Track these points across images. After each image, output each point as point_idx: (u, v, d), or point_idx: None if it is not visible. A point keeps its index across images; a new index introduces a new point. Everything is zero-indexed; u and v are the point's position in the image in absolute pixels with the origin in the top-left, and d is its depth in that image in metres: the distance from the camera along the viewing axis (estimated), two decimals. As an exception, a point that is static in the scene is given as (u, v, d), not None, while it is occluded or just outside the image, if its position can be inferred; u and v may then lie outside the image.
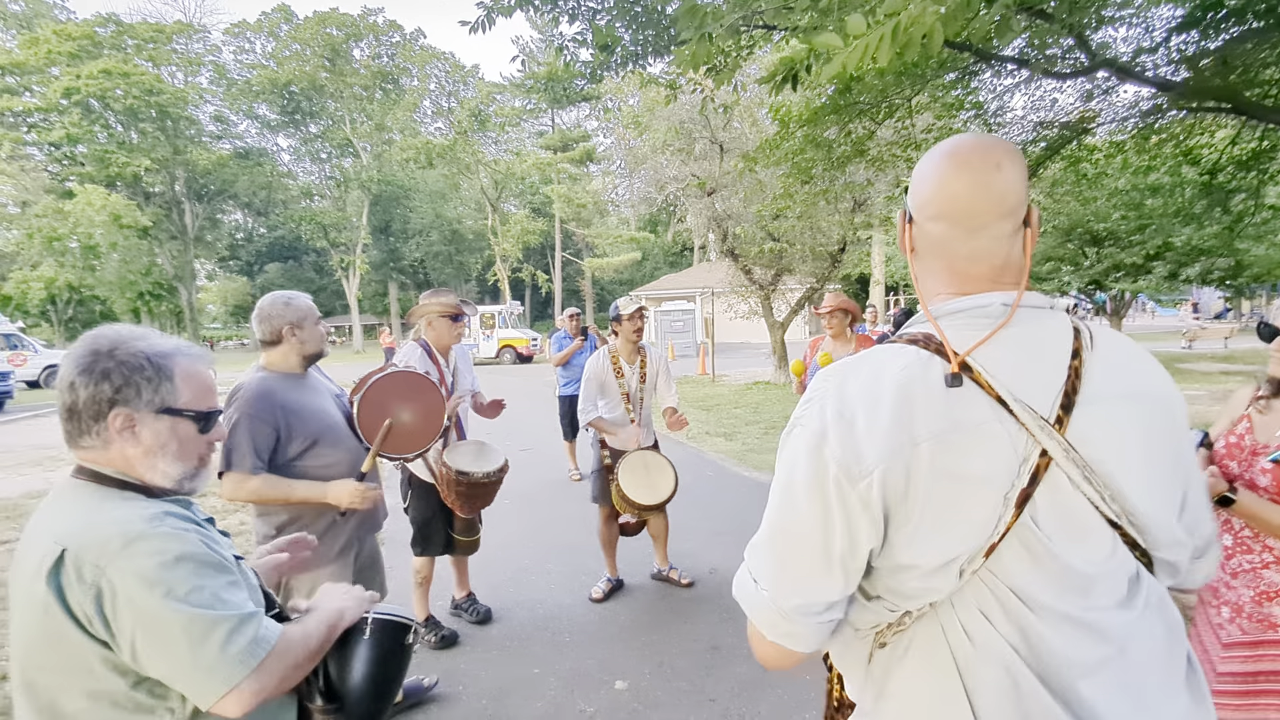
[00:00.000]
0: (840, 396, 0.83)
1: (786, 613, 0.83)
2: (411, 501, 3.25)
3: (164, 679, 1.01)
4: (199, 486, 1.19)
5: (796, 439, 0.85)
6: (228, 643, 1.01)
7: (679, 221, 16.34)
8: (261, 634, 1.06)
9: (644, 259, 43.06)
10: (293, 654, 1.10)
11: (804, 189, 6.78)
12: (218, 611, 1.02)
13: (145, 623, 0.98)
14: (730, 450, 7.75)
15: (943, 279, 0.90)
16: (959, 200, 0.84)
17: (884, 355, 0.86)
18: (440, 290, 3.29)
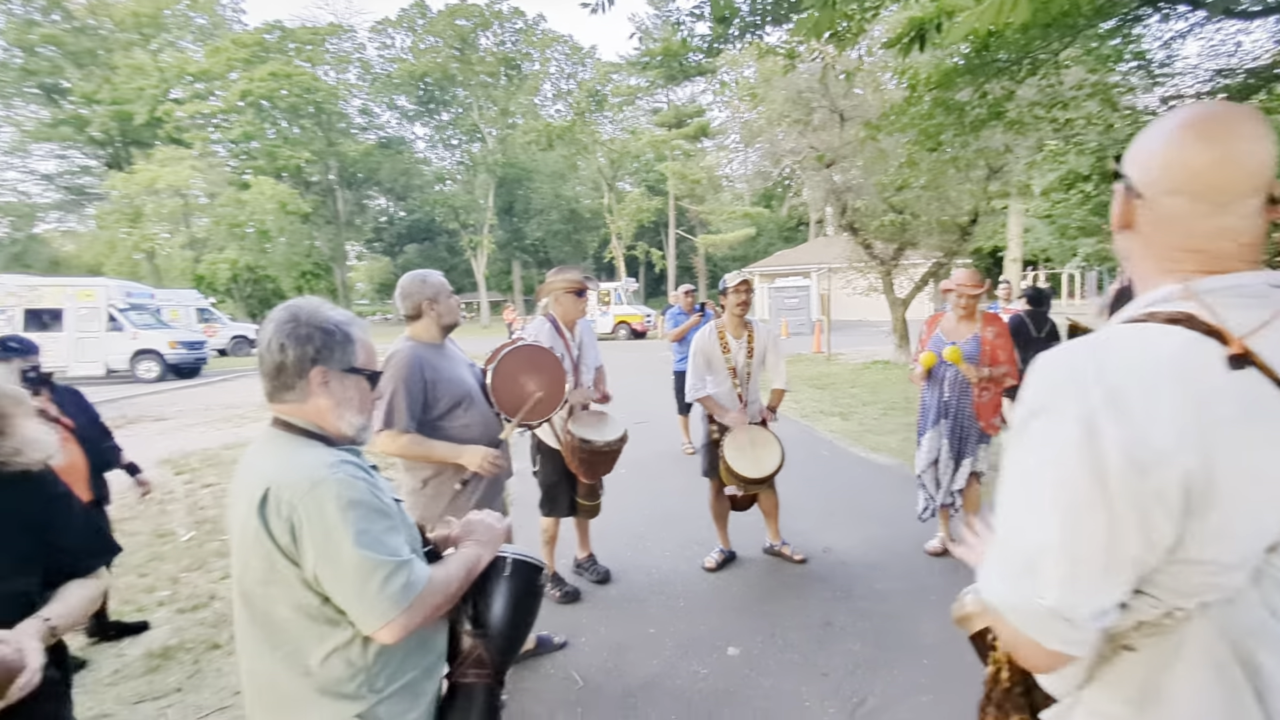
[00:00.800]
0: (1104, 380, 0.75)
1: (1067, 617, 0.76)
2: (540, 466, 3.52)
3: (337, 604, 1.22)
4: (369, 437, 1.40)
5: (1051, 429, 0.77)
6: (385, 585, 1.20)
7: (794, 196, 15.84)
8: (413, 579, 1.24)
9: (758, 235, 42.10)
10: (437, 596, 1.29)
11: (931, 157, 6.34)
12: (379, 555, 1.21)
13: (323, 557, 1.19)
14: (846, 430, 7.56)
15: (1175, 258, 0.83)
16: (1204, 175, 0.79)
17: (1148, 336, 0.79)
18: (566, 267, 3.49)
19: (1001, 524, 0.83)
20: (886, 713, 2.57)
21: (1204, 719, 0.79)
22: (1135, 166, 0.86)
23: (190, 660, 3.12)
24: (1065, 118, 5.89)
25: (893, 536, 4.23)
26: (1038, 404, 0.80)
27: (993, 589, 0.82)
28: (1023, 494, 0.80)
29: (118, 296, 16.18)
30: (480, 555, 1.43)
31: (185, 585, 3.96)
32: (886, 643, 3.05)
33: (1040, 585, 0.76)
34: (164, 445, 8.05)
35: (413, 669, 1.32)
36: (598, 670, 2.94)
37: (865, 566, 3.85)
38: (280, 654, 1.24)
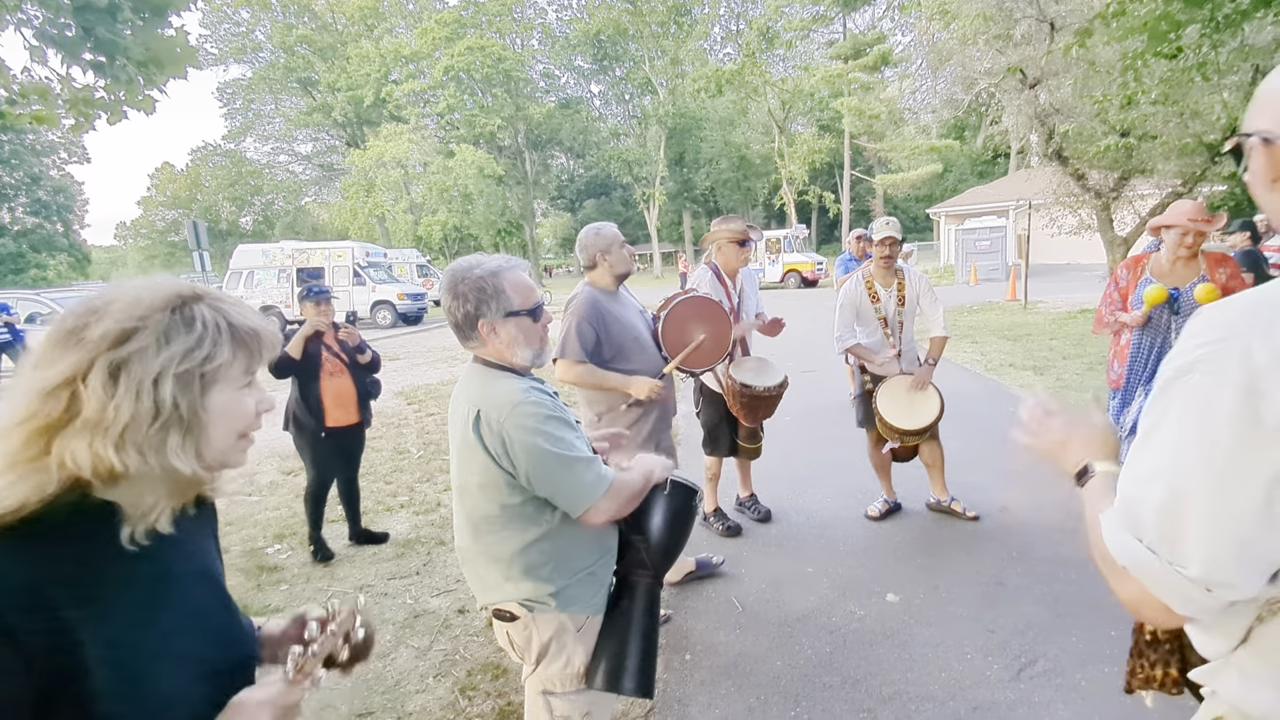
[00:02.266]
0: (1271, 341, 0.71)
1: (1208, 587, 0.73)
2: (703, 408, 3.73)
3: (549, 497, 1.52)
4: (545, 361, 1.64)
5: (1205, 387, 0.73)
6: (585, 475, 1.49)
7: (992, 124, 13.98)
8: (604, 472, 1.53)
9: (946, 171, 37.86)
10: (626, 489, 1.56)
11: (1166, 65, 5.23)
12: (576, 454, 1.49)
13: (533, 459, 1.47)
14: (1040, 386, 6.82)
15: None
16: None
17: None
18: (729, 217, 3.58)
19: (1137, 482, 0.80)
20: (1059, 676, 2.47)
21: None
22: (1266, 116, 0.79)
23: (424, 552, 3.87)
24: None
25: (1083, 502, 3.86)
26: (1193, 359, 0.76)
27: (1123, 551, 0.80)
28: (1167, 455, 0.76)
29: (360, 256, 19.46)
30: (654, 469, 1.67)
31: (419, 493, 4.84)
32: (1065, 609, 2.88)
33: (1181, 555, 0.74)
34: (398, 381, 9.63)
35: (591, 561, 1.62)
36: (756, 600, 3.15)
37: (1049, 529, 3.59)
38: (492, 539, 1.57)
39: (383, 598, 3.38)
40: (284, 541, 4.09)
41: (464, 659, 2.83)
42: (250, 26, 41.35)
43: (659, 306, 2.97)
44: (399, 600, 3.35)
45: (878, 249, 3.58)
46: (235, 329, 0.83)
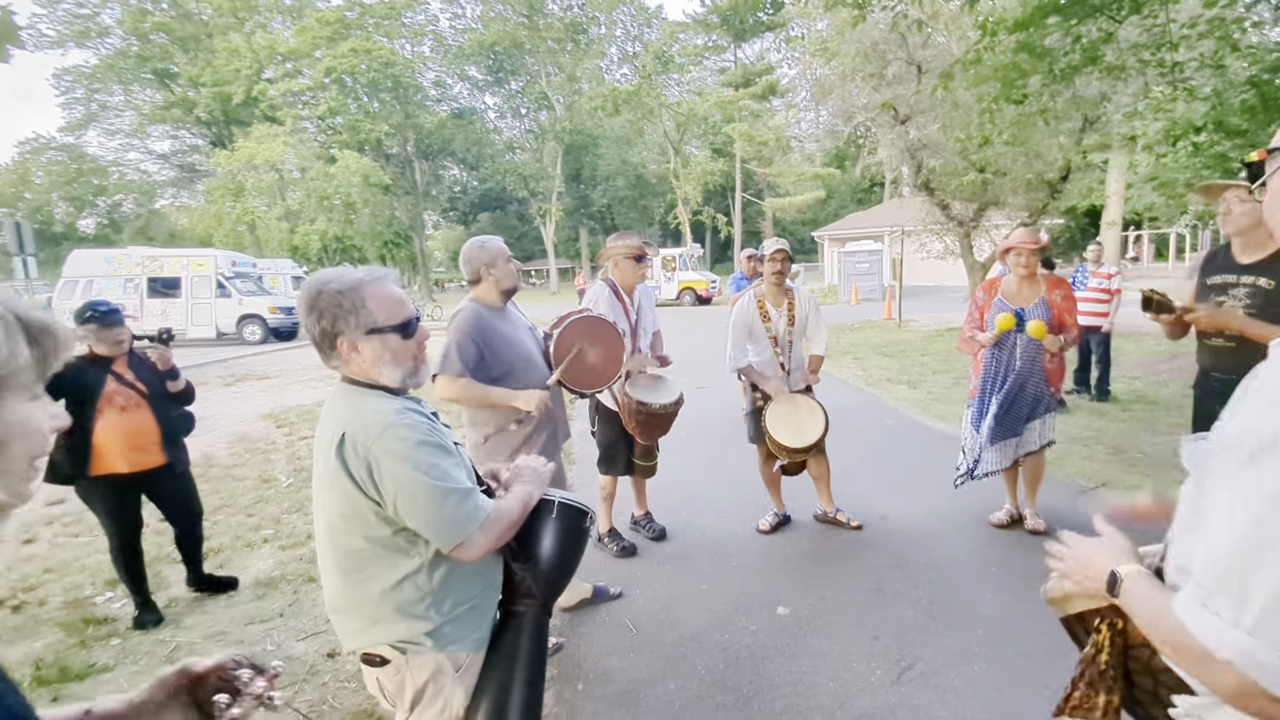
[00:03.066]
0: None
1: None
2: (598, 426, 3.66)
3: (417, 530, 1.38)
4: (421, 380, 1.50)
5: None
6: (459, 508, 1.37)
7: (869, 155, 15.14)
8: (481, 503, 1.42)
9: (828, 197, 40.59)
10: (504, 519, 1.46)
11: (1015, 109, 5.90)
12: (450, 484, 1.37)
13: (402, 488, 1.34)
14: (913, 399, 7.36)
15: None
16: None
17: None
18: (625, 233, 3.56)
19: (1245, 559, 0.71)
20: (936, 677, 2.58)
21: None
22: None
23: (290, 591, 3.50)
24: (1174, 60, 5.34)
25: (954, 507, 4.15)
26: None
27: (1214, 635, 0.73)
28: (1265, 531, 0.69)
29: (225, 266, 17.68)
30: (531, 492, 1.57)
31: (286, 525, 4.39)
32: (940, 611, 3.04)
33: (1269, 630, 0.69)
34: (267, 401, 8.81)
35: (473, 594, 1.49)
36: (650, 620, 3.09)
37: (923, 535, 3.81)
38: (358, 578, 1.42)
39: (238, 647, 3.00)
40: (118, 588, 3.55)
41: (334, 708, 2.55)
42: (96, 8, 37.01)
43: (552, 325, 2.88)
44: (259, 648, 2.99)
45: (769, 264, 3.68)
46: (27, 323, 0.66)
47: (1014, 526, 3.84)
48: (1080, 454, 5.07)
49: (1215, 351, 2.68)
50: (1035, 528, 3.75)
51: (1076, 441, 5.39)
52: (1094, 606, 1.11)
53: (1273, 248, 2.49)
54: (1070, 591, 1.14)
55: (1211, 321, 2.48)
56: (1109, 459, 4.97)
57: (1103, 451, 5.14)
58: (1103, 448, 5.23)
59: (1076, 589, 1.11)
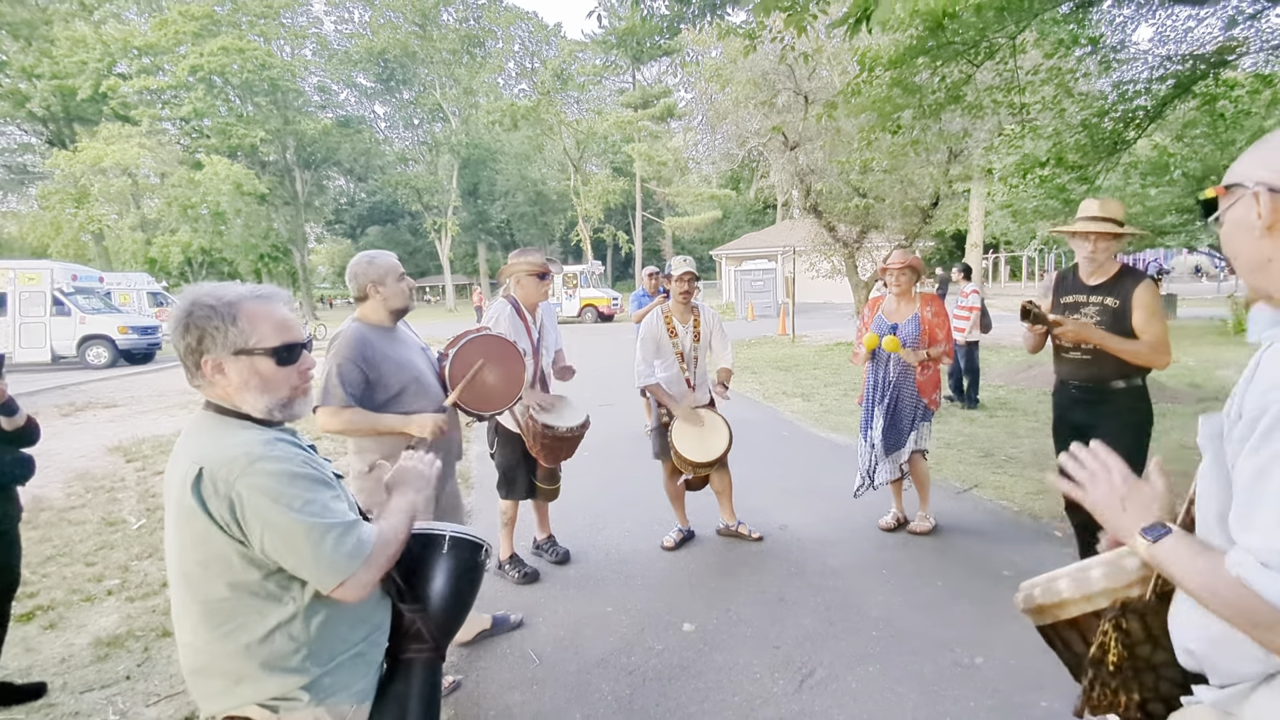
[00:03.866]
0: None
1: None
2: (498, 449, 3.50)
3: (291, 571, 1.24)
4: (297, 413, 1.36)
5: None
6: (339, 544, 1.24)
7: (762, 178, 15.92)
8: (365, 536, 1.29)
9: (725, 217, 42.27)
10: (389, 544, 1.34)
11: (891, 139, 6.40)
12: (328, 520, 1.24)
13: (272, 528, 1.20)
14: (807, 411, 7.69)
15: None
16: None
17: None
18: (527, 250, 3.46)
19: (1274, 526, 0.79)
20: (834, 682, 2.65)
21: None
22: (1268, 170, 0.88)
23: (140, 648, 3.06)
24: (1022, 102, 6.00)
25: (847, 514, 4.34)
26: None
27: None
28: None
29: (64, 279, 15.47)
30: (414, 502, 1.46)
31: (135, 573, 3.86)
32: (837, 616, 3.14)
33: None
34: (114, 432, 7.80)
35: (356, 641, 1.35)
36: (554, 648, 2.97)
37: (820, 543, 3.94)
38: (221, 632, 1.25)
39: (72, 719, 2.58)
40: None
41: (189, 784, 2.23)
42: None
43: (448, 345, 2.72)
44: (99, 719, 2.58)
45: (677, 284, 3.71)
46: None
47: (900, 529, 4.06)
48: (955, 458, 5.47)
49: (1072, 363, 2.96)
50: (920, 529, 3.98)
51: (951, 447, 5.82)
52: (1092, 609, 1.11)
53: (1113, 271, 2.81)
54: (1065, 597, 1.15)
55: (1077, 334, 2.75)
56: (979, 461, 5.40)
57: (974, 455, 5.58)
58: (974, 451, 5.68)
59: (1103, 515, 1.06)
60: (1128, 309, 2.72)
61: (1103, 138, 5.72)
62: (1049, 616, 1.20)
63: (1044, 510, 4.28)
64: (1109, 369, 2.79)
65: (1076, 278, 2.93)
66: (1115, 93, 5.83)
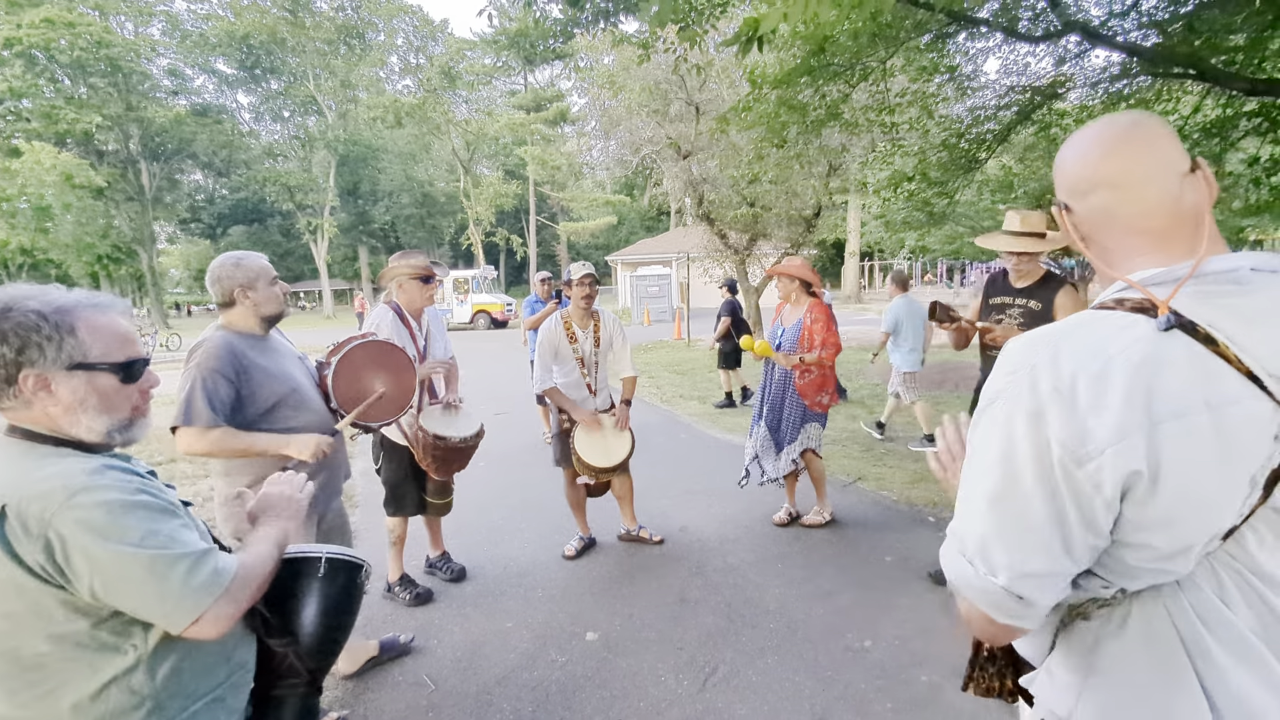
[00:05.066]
0: (1055, 370, 0.77)
1: (1018, 595, 0.79)
2: (384, 463, 3.27)
3: (133, 613, 1.07)
4: (136, 437, 1.20)
5: (1004, 414, 0.80)
6: (190, 576, 1.08)
7: (655, 185, 16.20)
8: (221, 565, 1.14)
9: (620, 223, 42.68)
10: (254, 576, 1.20)
11: (778, 152, 6.74)
12: (176, 551, 1.08)
13: (104, 567, 1.02)
14: (703, 413, 7.87)
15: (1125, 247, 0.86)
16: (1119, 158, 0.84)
17: (1107, 325, 0.79)
18: (410, 252, 3.26)
19: (960, 505, 0.86)
20: (736, 678, 2.69)
21: (1138, 693, 0.82)
22: (1061, 182, 0.92)
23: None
24: (892, 122, 6.52)
25: (744, 511, 4.46)
26: (996, 389, 0.83)
27: (950, 566, 0.85)
28: (977, 478, 0.83)
29: None
30: (286, 529, 1.32)
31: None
32: (736, 612, 3.20)
33: (991, 566, 0.80)
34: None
35: (214, 685, 1.19)
36: (451, 670, 2.81)
37: (719, 541, 4.02)
38: (38, 693, 1.06)
39: None
40: None
41: None
42: None
43: (329, 352, 2.48)
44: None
45: (577, 289, 3.63)
46: None
47: (793, 524, 4.22)
48: (840, 453, 5.80)
49: (994, 361, 3.15)
50: (813, 522, 4.16)
51: (836, 443, 6.16)
52: None
53: (1038, 276, 3.03)
54: None
55: (1003, 334, 2.94)
56: (862, 455, 5.75)
57: (858, 450, 5.94)
58: (858, 446, 6.05)
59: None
60: (1049, 311, 2.93)
61: (959, 157, 6.32)
62: None
63: (920, 498, 4.62)
64: None
65: (1005, 280, 3.13)
66: (969, 117, 6.46)
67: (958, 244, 16.64)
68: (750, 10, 5.42)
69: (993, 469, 0.81)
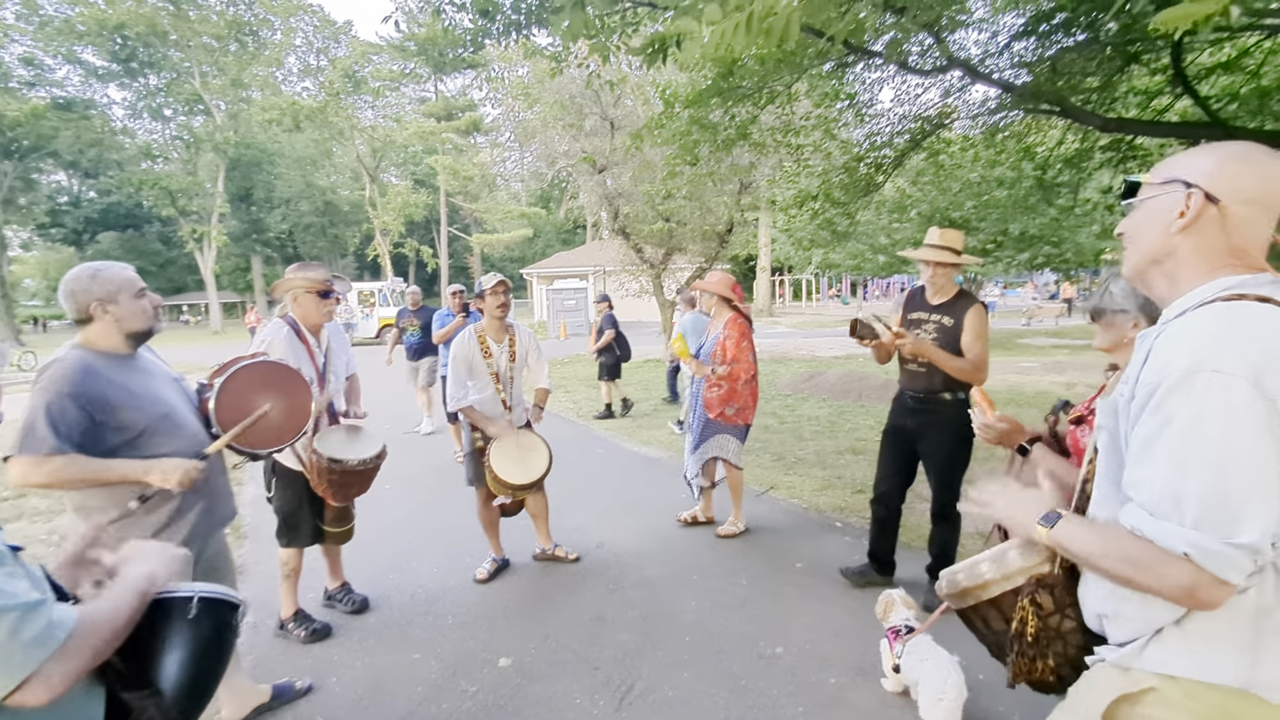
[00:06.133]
0: (1257, 343, 0.88)
1: (1257, 550, 0.86)
2: (276, 491, 3.01)
3: None
4: None
5: (1219, 384, 0.88)
6: (16, 632, 0.94)
7: (571, 198, 16.17)
8: (56, 617, 0.99)
9: (535, 236, 42.29)
10: (100, 630, 1.05)
11: (691, 170, 6.90)
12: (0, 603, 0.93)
13: None
14: (619, 426, 7.85)
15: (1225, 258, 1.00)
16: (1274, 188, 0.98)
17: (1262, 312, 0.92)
18: (308, 264, 3.05)
19: (1172, 478, 0.90)
20: (652, 694, 2.66)
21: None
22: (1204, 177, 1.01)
23: None
24: (797, 143, 6.81)
25: (660, 524, 4.46)
26: (1193, 362, 0.90)
27: (1179, 537, 0.88)
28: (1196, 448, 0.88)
29: None
30: (153, 575, 1.17)
31: None
32: (652, 628, 3.17)
33: (1238, 527, 0.86)
34: None
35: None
36: (352, 710, 2.61)
37: (635, 556, 3.99)
38: None
39: None
40: None
41: None
42: None
43: (213, 373, 2.25)
44: None
45: (491, 298, 3.52)
46: None
47: (698, 526, 4.34)
48: (754, 463, 5.93)
49: (910, 374, 3.26)
50: (727, 533, 4.22)
51: (750, 453, 6.29)
52: (1011, 587, 1.23)
53: (952, 293, 3.15)
54: (988, 578, 1.26)
55: (915, 348, 3.03)
56: (774, 465, 5.91)
57: (769, 459, 6.10)
58: (769, 456, 6.21)
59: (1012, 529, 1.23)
60: (960, 328, 3.05)
61: (859, 179, 6.69)
62: (972, 599, 1.30)
63: (827, 505, 4.79)
64: (939, 382, 3.10)
65: (923, 297, 3.25)
66: (867, 142, 6.86)
67: (859, 260, 17.63)
68: (661, 29, 5.54)
69: (1225, 438, 0.87)
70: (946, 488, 3.16)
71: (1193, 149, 1.08)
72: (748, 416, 4.14)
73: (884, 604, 2.75)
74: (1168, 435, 0.90)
